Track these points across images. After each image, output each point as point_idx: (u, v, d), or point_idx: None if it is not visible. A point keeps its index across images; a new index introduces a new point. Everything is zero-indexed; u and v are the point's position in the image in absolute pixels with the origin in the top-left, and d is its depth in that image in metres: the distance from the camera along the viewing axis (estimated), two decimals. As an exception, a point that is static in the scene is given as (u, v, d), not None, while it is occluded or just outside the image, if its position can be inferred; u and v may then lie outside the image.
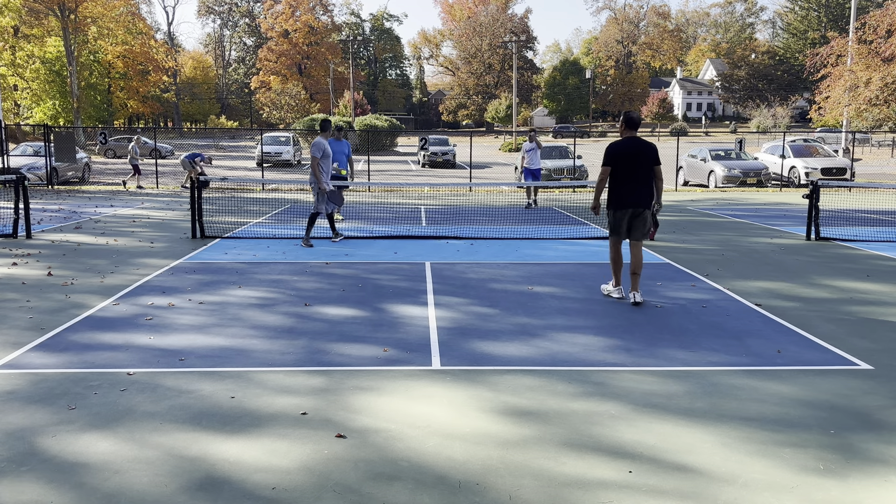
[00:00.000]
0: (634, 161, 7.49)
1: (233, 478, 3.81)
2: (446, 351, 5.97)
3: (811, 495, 3.66)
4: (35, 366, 5.56)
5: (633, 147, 7.54)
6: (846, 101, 30.73)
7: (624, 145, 7.58)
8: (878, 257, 10.56)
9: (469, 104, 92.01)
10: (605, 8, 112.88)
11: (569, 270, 9.40)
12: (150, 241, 11.79)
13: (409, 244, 11.47)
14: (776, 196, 21.56)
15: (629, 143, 7.57)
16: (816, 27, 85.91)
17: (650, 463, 4.00)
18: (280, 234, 12.51)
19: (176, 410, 4.70)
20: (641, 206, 7.51)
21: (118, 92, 61.60)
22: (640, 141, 7.56)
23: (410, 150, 51.19)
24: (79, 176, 25.40)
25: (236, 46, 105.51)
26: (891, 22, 28.90)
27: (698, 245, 11.64)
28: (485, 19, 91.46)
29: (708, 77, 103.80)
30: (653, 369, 5.55)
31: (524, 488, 3.72)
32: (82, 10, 47.89)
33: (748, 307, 7.48)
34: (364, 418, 4.60)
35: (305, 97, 78.37)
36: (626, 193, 7.52)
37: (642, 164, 7.48)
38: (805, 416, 4.66)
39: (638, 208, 7.51)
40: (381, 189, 22.23)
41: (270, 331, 6.53)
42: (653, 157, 7.52)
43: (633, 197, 7.50)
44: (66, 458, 4.03)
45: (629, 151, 7.53)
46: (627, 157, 7.52)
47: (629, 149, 7.54)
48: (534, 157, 16.85)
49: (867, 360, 5.78)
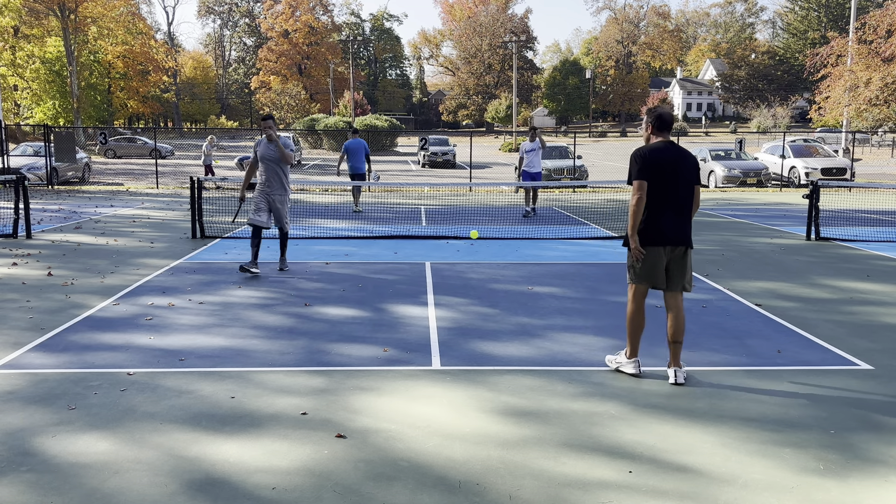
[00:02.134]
0: (676, 177, 5.28)
1: (233, 478, 3.81)
2: (446, 351, 5.97)
3: (811, 495, 3.66)
4: (35, 366, 5.56)
5: (673, 157, 5.31)
6: (846, 102, 30.73)
7: (663, 153, 5.29)
8: (878, 257, 10.56)
9: (469, 104, 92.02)
10: (605, 8, 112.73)
11: (569, 270, 9.39)
12: (150, 241, 11.79)
13: (409, 244, 11.46)
14: (776, 196, 21.56)
15: (669, 150, 5.31)
16: (816, 27, 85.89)
17: (650, 463, 4.00)
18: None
19: (176, 410, 4.70)
20: (686, 243, 5.35)
21: (118, 92, 61.59)
22: (681, 149, 5.39)
23: (410, 151, 51.19)
24: (79, 176, 25.39)
25: (236, 46, 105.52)
26: (891, 22, 28.90)
27: (698, 245, 11.64)
28: (485, 19, 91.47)
29: (708, 77, 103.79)
30: (653, 369, 5.55)
31: (524, 488, 3.72)
32: (82, 10, 47.89)
33: (748, 307, 7.47)
34: (364, 418, 4.60)
35: (305, 97, 78.38)
36: (668, 223, 5.28)
37: (683, 182, 5.31)
38: (805, 416, 4.66)
39: (681, 245, 5.34)
40: (381, 189, 22.21)
41: (270, 331, 6.53)
42: (696, 173, 5.40)
43: (677, 228, 5.31)
44: (66, 458, 4.03)
45: (670, 163, 5.28)
46: (668, 171, 5.26)
47: (669, 159, 5.29)
48: (534, 158, 14.90)
49: (867, 360, 5.77)
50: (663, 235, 5.27)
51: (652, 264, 5.31)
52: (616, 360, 5.59)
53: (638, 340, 5.47)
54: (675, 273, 5.36)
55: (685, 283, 5.39)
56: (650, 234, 5.29)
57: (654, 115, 5.40)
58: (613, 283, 8.58)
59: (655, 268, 5.32)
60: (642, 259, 5.31)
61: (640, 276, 5.37)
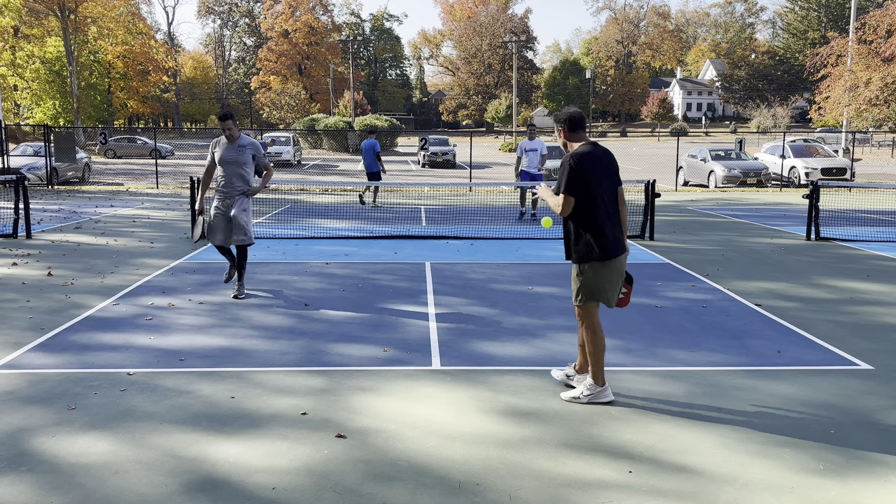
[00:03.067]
0: (612, 181, 4.84)
1: (232, 478, 3.81)
2: (446, 351, 5.97)
3: (811, 495, 3.66)
4: (35, 366, 5.55)
5: (606, 160, 4.81)
6: (846, 102, 30.73)
7: (596, 157, 4.75)
8: (878, 257, 10.56)
9: (469, 104, 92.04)
10: (605, 8, 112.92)
11: (569, 270, 9.38)
12: (150, 241, 11.79)
13: (409, 244, 11.46)
14: (776, 196, 21.56)
15: (599, 153, 4.79)
16: (816, 27, 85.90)
17: (650, 463, 4.00)
18: (280, 234, 12.50)
19: (175, 411, 4.70)
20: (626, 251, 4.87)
21: (118, 92, 61.61)
22: (605, 149, 4.88)
23: (410, 150, 51.19)
24: (79, 176, 25.39)
25: (236, 46, 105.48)
26: (891, 22, 28.89)
27: (698, 245, 11.64)
28: (485, 19, 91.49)
29: (708, 77, 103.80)
30: (653, 369, 5.55)
31: (524, 488, 3.72)
32: (82, 10, 47.87)
33: (748, 307, 7.47)
34: (364, 418, 4.59)
35: (305, 97, 78.32)
36: (614, 234, 4.78)
37: (615, 186, 4.88)
38: (805, 416, 4.66)
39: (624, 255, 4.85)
40: (380, 189, 22.20)
41: (270, 331, 6.52)
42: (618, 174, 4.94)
43: (621, 238, 4.84)
44: (66, 458, 4.03)
45: (604, 166, 4.78)
46: (604, 177, 4.76)
47: (603, 162, 4.78)
48: (534, 158, 14.21)
49: (867, 360, 5.77)
50: (615, 246, 4.75)
51: (606, 282, 4.77)
52: (584, 393, 4.84)
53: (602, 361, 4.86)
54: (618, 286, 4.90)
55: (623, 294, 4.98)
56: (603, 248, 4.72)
57: (563, 116, 4.89)
58: (613, 283, 8.58)
59: (608, 285, 4.79)
60: (594, 278, 4.76)
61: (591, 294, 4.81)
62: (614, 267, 4.79)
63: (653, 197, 12.12)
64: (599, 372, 4.85)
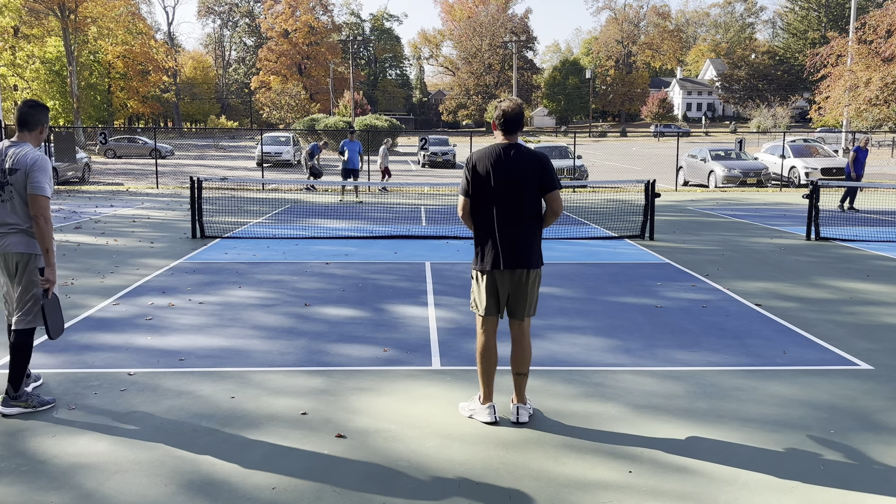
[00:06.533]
0: (515, 185, 4.38)
1: (232, 478, 3.81)
2: (446, 351, 5.97)
3: (811, 495, 3.66)
4: (35, 366, 5.54)
5: (512, 162, 4.39)
6: (846, 102, 30.74)
7: (496, 157, 4.39)
8: (878, 257, 10.56)
9: (469, 104, 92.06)
10: (605, 8, 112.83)
11: (569, 270, 9.39)
12: (150, 241, 11.78)
13: (409, 244, 11.46)
14: (776, 196, 21.56)
15: (506, 154, 4.39)
16: (816, 27, 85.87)
17: (650, 463, 4.00)
18: (280, 234, 12.50)
19: (176, 411, 4.70)
20: (528, 265, 4.45)
21: (118, 92, 61.60)
22: (525, 152, 4.43)
23: (410, 150, 51.17)
24: (79, 176, 25.39)
25: (236, 46, 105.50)
26: (891, 22, 28.90)
27: (698, 245, 11.64)
28: (485, 19, 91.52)
29: (708, 77, 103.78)
30: (653, 369, 5.55)
31: (524, 488, 3.72)
32: (82, 10, 47.89)
33: (748, 307, 7.47)
34: (364, 418, 4.59)
35: (305, 97, 78.33)
36: (504, 244, 4.41)
37: (528, 193, 4.41)
38: (805, 416, 4.65)
39: (521, 268, 4.45)
40: (380, 189, 22.19)
41: (270, 331, 6.52)
42: (546, 179, 4.43)
43: (516, 250, 4.42)
44: (66, 458, 4.03)
45: (506, 169, 4.38)
46: (502, 181, 4.38)
47: (505, 164, 4.38)
48: None
49: (867, 360, 5.77)
50: (498, 257, 4.40)
51: (489, 292, 4.48)
52: (469, 406, 4.67)
53: (491, 381, 4.56)
54: (519, 299, 4.49)
55: (532, 307, 4.55)
56: (485, 256, 4.46)
57: (501, 113, 4.45)
58: (613, 284, 8.58)
59: (492, 296, 4.48)
60: (479, 287, 4.53)
61: (477, 305, 4.57)
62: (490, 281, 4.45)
63: (653, 197, 12.13)
64: (482, 388, 4.58)
